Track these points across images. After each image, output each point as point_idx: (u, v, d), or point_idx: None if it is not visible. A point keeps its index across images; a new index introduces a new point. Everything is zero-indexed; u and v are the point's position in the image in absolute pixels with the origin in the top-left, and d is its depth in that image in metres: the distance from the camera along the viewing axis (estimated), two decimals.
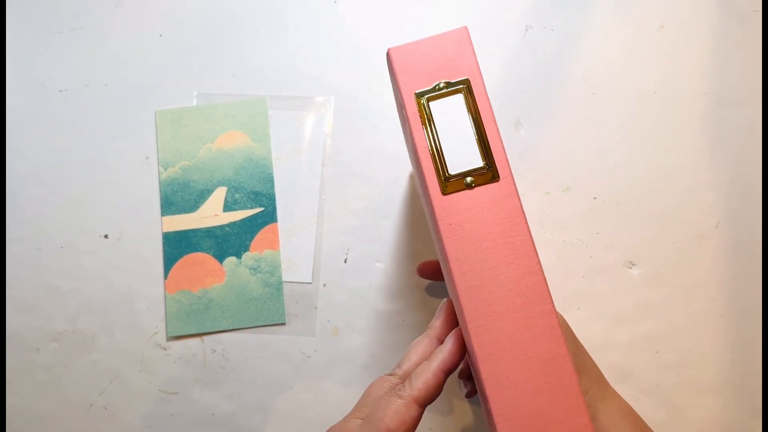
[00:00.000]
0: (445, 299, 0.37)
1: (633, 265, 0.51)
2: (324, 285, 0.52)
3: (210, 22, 0.56)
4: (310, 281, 0.52)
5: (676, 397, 0.49)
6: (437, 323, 0.35)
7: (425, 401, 0.32)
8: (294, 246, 0.52)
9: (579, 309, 0.50)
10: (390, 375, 0.34)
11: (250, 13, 0.56)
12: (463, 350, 0.33)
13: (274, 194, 0.53)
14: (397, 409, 0.31)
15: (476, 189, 0.32)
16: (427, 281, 0.51)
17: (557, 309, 0.49)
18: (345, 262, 0.52)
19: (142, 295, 0.52)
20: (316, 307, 0.51)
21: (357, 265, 0.52)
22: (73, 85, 0.55)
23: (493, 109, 0.33)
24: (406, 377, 0.33)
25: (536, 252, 0.31)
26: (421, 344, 0.35)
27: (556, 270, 0.51)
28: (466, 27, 0.34)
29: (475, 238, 0.32)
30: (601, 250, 0.51)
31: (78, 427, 0.50)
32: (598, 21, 0.55)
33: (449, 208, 0.32)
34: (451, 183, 0.32)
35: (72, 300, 0.52)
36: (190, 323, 0.51)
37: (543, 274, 0.31)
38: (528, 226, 0.32)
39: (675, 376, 0.49)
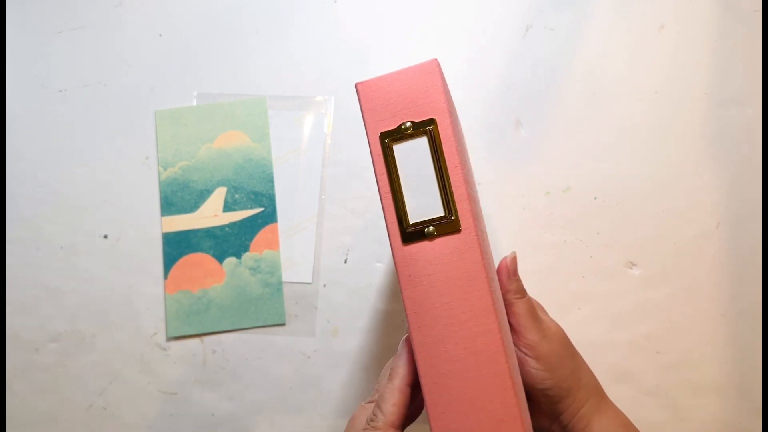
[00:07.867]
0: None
1: (633, 265, 0.51)
2: (324, 285, 0.52)
3: (210, 22, 0.56)
4: (310, 281, 0.52)
5: (677, 397, 0.49)
6: (400, 344, 0.35)
7: (400, 422, 0.31)
8: (294, 246, 0.52)
9: (579, 309, 0.50)
10: (370, 402, 0.34)
11: (250, 13, 0.56)
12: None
13: (274, 194, 0.53)
14: None
15: (437, 240, 0.30)
16: None
17: (557, 309, 0.49)
18: (345, 262, 0.52)
19: (141, 296, 0.52)
20: (316, 308, 0.51)
21: (357, 265, 0.52)
22: (73, 85, 0.55)
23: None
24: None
25: (494, 309, 0.30)
26: (390, 365, 0.34)
27: (557, 270, 0.51)
28: (436, 59, 0.31)
29: (433, 292, 0.30)
30: (602, 250, 0.51)
31: (78, 427, 0.50)
32: (598, 21, 0.54)
33: (409, 258, 0.30)
34: (411, 232, 0.30)
35: (71, 300, 0.52)
36: (190, 324, 0.51)
37: (499, 332, 0.30)
38: (488, 281, 0.30)
39: (675, 376, 0.49)
